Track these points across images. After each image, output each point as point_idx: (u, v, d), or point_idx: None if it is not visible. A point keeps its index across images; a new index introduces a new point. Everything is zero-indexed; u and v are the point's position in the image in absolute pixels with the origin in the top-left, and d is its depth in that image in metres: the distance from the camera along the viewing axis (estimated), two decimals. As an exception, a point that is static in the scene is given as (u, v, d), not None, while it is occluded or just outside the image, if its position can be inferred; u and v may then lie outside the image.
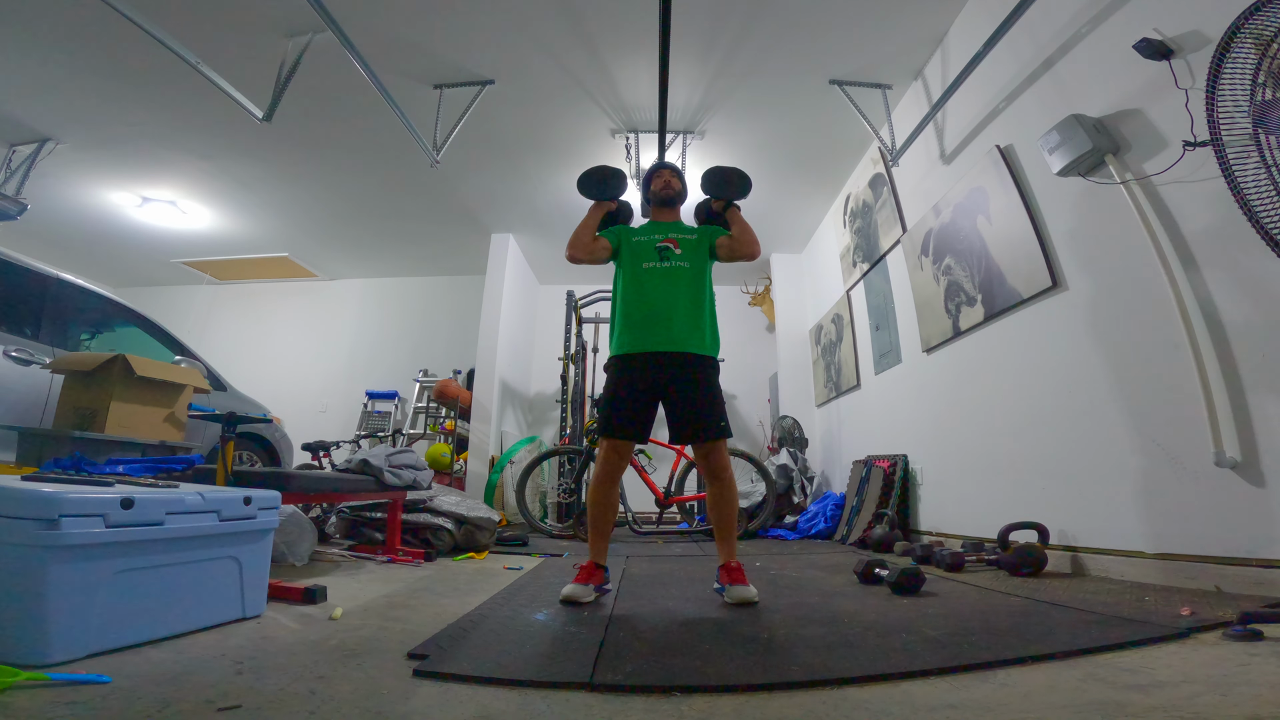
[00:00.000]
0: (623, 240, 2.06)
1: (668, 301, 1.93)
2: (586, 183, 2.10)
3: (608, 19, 3.00)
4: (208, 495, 1.42)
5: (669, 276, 1.96)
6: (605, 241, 2.05)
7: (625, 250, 2.04)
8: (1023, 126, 2.50)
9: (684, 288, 1.95)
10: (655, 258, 1.98)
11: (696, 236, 2.04)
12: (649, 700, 0.96)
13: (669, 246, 2.00)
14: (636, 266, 1.99)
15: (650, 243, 2.02)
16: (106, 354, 2.41)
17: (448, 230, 5.56)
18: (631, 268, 2.00)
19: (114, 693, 0.94)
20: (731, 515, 1.92)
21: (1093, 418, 2.13)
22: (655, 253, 1.99)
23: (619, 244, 2.06)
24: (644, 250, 2.01)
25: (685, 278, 1.96)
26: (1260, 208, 1.30)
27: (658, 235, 2.03)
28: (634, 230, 2.10)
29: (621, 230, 2.10)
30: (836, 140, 4.01)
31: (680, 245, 2.01)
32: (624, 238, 2.07)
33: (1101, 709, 0.87)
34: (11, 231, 4.71)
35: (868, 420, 4.22)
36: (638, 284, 1.97)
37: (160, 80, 3.36)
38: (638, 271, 1.98)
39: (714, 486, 1.93)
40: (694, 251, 2.01)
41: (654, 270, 1.97)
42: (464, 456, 5.16)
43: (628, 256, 2.03)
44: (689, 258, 1.99)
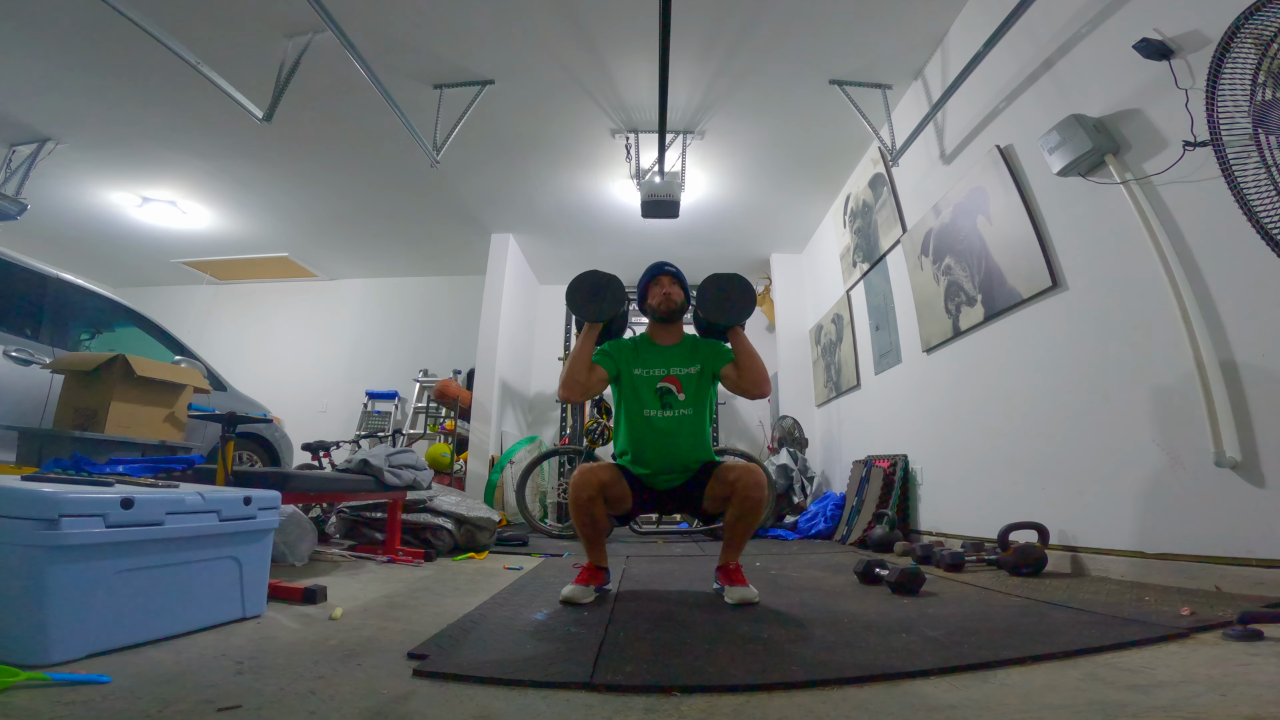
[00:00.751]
0: (622, 372, 1.96)
1: (672, 453, 1.90)
2: (576, 297, 1.96)
3: (608, 19, 3.00)
4: (208, 495, 1.41)
5: (673, 425, 1.90)
6: (601, 373, 1.92)
7: (625, 382, 1.95)
8: (1023, 126, 2.50)
9: (688, 432, 1.91)
10: (657, 405, 1.91)
11: (699, 369, 1.94)
12: (649, 700, 0.96)
13: (671, 389, 1.91)
14: (637, 412, 1.92)
15: (650, 381, 1.93)
16: (106, 354, 2.41)
17: (448, 230, 5.56)
18: (632, 411, 1.93)
19: (114, 693, 0.94)
20: (752, 529, 1.84)
21: (1093, 418, 2.13)
22: (656, 397, 1.91)
23: (618, 374, 1.96)
24: (645, 391, 1.92)
25: (688, 424, 1.91)
26: (1260, 208, 1.30)
27: (658, 370, 1.94)
28: (633, 355, 1.98)
29: (619, 357, 1.97)
30: (836, 140, 4.01)
31: (683, 386, 1.92)
32: (623, 369, 1.95)
33: (1101, 709, 0.87)
34: (11, 231, 4.71)
35: (868, 420, 4.21)
36: (639, 430, 1.92)
37: (160, 80, 3.37)
38: (638, 419, 1.91)
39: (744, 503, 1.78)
40: (696, 392, 1.93)
41: (656, 420, 1.90)
42: (464, 456, 5.16)
43: (629, 393, 1.95)
44: (692, 402, 1.92)
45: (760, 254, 5.93)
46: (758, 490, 1.76)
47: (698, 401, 1.93)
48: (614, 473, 1.86)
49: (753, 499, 1.76)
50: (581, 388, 1.88)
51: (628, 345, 2.02)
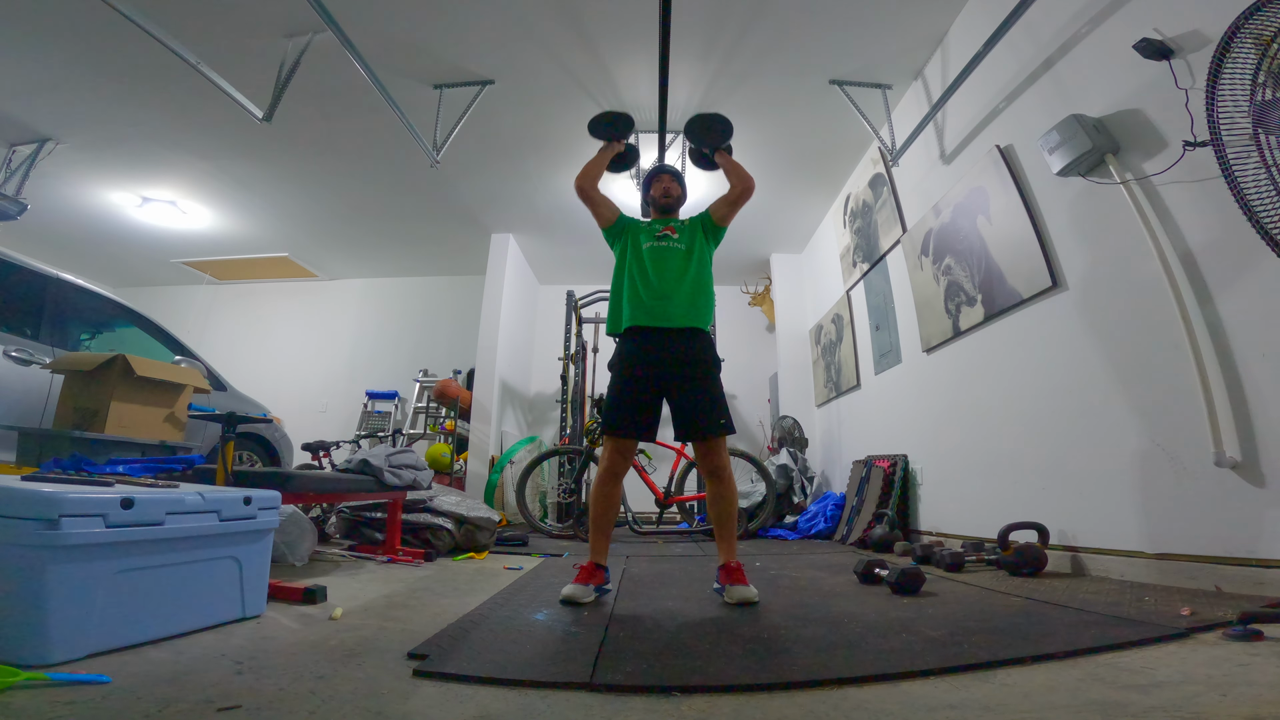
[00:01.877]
0: (626, 226, 2.19)
1: (666, 274, 2.04)
2: (596, 125, 2.29)
3: (608, 19, 3.00)
4: (208, 495, 1.41)
5: (668, 254, 2.08)
6: (613, 205, 2.21)
7: (628, 234, 2.16)
8: (1023, 126, 2.50)
9: (681, 262, 2.07)
10: (652, 240, 2.11)
11: (690, 221, 2.18)
12: (649, 700, 0.96)
13: (667, 234, 2.13)
14: (638, 248, 2.11)
15: (650, 230, 2.15)
16: (106, 354, 2.40)
17: (448, 230, 5.56)
18: (633, 250, 2.11)
19: (114, 693, 0.94)
20: (731, 514, 1.94)
21: (1092, 418, 2.13)
22: (654, 237, 2.12)
23: (621, 228, 2.18)
24: (645, 235, 2.14)
25: (681, 256, 2.08)
26: (1260, 208, 1.30)
27: (657, 226, 2.17)
28: (637, 223, 2.21)
29: (627, 220, 2.22)
30: (836, 140, 4.01)
31: (677, 230, 2.13)
32: (627, 223, 2.20)
33: (1101, 709, 0.87)
34: (11, 231, 4.70)
35: (868, 420, 4.21)
36: (639, 259, 2.08)
37: (160, 80, 3.37)
38: (639, 251, 2.10)
39: (713, 485, 1.95)
40: (688, 236, 2.13)
41: (653, 249, 2.09)
42: (464, 456, 5.16)
43: (630, 240, 2.14)
44: (685, 240, 2.12)
45: (760, 254, 5.92)
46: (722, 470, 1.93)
47: (690, 239, 2.10)
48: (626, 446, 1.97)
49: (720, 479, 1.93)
50: (593, 181, 2.18)
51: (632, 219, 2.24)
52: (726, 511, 1.93)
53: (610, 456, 1.96)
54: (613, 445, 1.96)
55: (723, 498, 1.94)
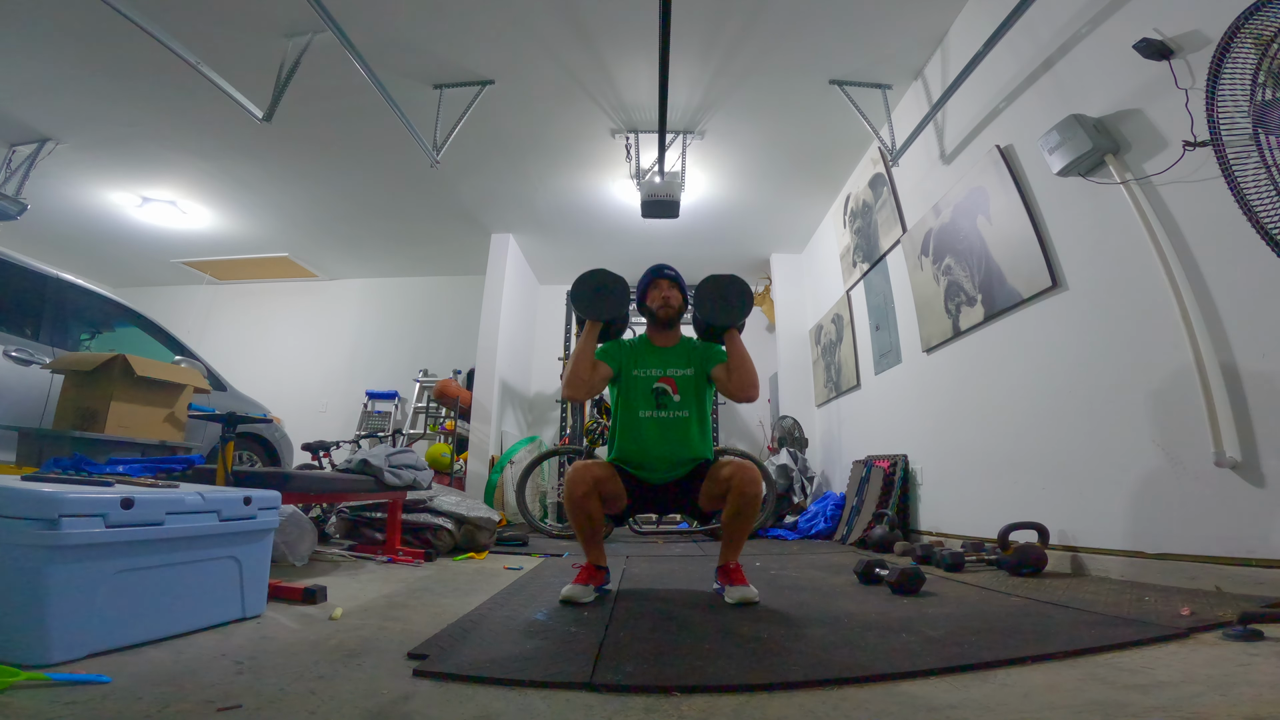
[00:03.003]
0: (623, 369, 1.98)
1: (666, 455, 1.91)
2: (580, 296, 1.97)
3: (608, 19, 3.00)
4: (208, 495, 1.41)
5: (667, 428, 1.91)
6: (606, 370, 1.95)
7: (624, 383, 1.98)
8: (1023, 126, 2.49)
9: (681, 434, 1.92)
10: (652, 405, 1.92)
11: (694, 371, 1.96)
12: (649, 700, 0.96)
13: (667, 390, 1.93)
14: (634, 413, 1.93)
15: (647, 382, 1.94)
16: (106, 354, 2.40)
17: (448, 230, 5.56)
18: (628, 411, 1.94)
19: (114, 693, 0.94)
20: (749, 527, 1.85)
21: (1092, 418, 2.13)
22: (652, 397, 1.93)
23: (619, 371, 1.98)
24: (641, 391, 1.94)
25: (682, 426, 1.92)
26: (1260, 208, 1.30)
27: (655, 371, 1.96)
28: (632, 356, 2.00)
29: (621, 354, 2.00)
30: (836, 140, 4.01)
31: (679, 387, 1.94)
32: (624, 366, 1.98)
33: (1101, 709, 0.87)
34: (11, 231, 4.70)
35: (868, 420, 4.21)
36: (635, 430, 1.92)
37: (160, 80, 3.36)
38: (635, 419, 1.92)
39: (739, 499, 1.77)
40: (692, 393, 1.94)
41: (651, 421, 1.91)
42: (464, 456, 5.16)
43: (625, 392, 1.97)
44: (688, 403, 1.93)
45: (760, 254, 5.92)
46: (753, 486, 1.77)
47: (693, 403, 1.95)
48: (608, 469, 1.87)
49: (748, 495, 1.76)
50: (586, 385, 1.89)
51: (626, 345, 2.04)
52: (744, 528, 1.83)
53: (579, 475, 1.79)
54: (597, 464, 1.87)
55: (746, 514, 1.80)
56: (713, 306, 1.95)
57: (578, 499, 1.79)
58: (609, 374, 1.95)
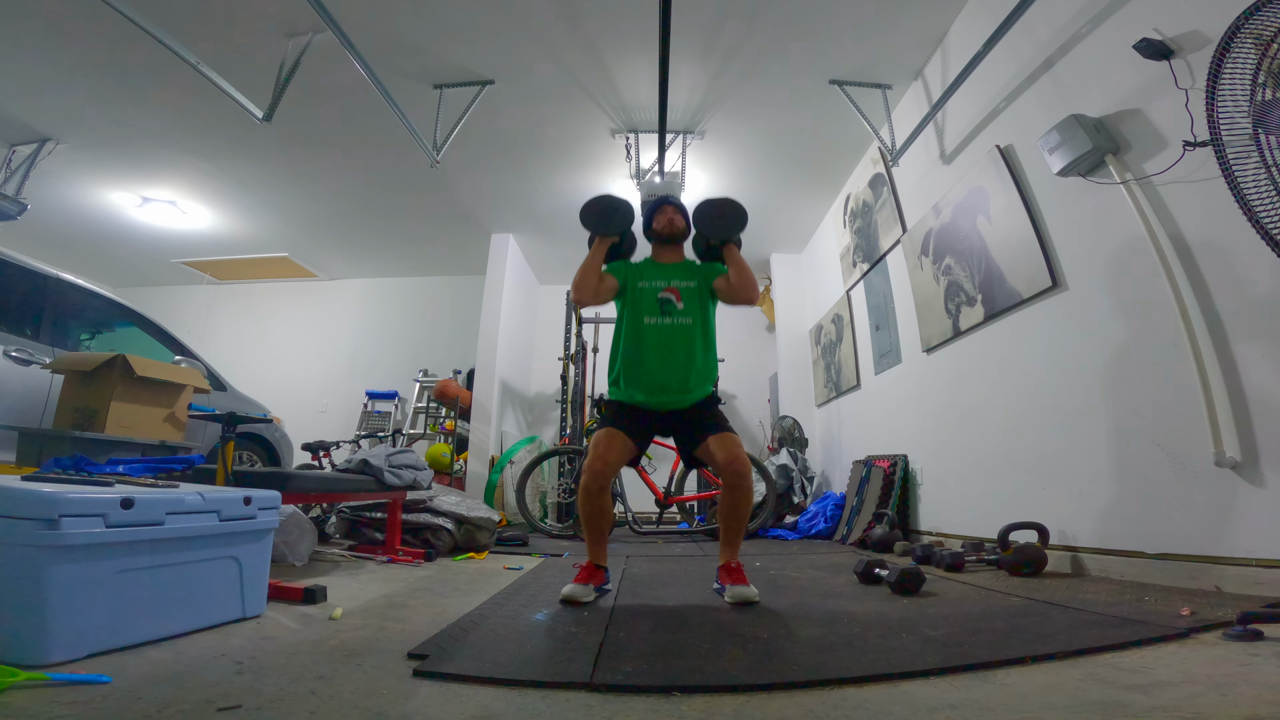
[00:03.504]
0: (629, 282, 2.03)
1: (670, 363, 1.92)
2: (589, 215, 2.06)
3: (608, 19, 3.00)
4: (208, 495, 1.41)
5: (671, 335, 1.93)
6: (612, 281, 2.01)
7: (630, 294, 2.01)
8: (1023, 126, 2.49)
9: (686, 344, 1.94)
10: (657, 311, 1.96)
11: (697, 283, 2.01)
12: (649, 700, 0.96)
13: (671, 299, 1.97)
14: (638, 320, 1.96)
15: (653, 291, 1.99)
16: (106, 354, 2.40)
17: (448, 230, 5.56)
18: (633, 320, 1.98)
19: (114, 693, 0.94)
20: (744, 521, 1.86)
21: (1093, 418, 2.13)
22: (657, 305, 1.96)
23: (624, 284, 2.03)
24: (647, 300, 1.98)
25: (687, 334, 1.94)
26: (1260, 208, 1.30)
27: (660, 282, 2.00)
28: (638, 271, 2.06)
29: (627, 270, 2.06)
30: (836, 140, 4.01)
31: (682, 296, 1.98)
32: (630, 279, 2.03)
33: (1101, 709, 0.87)
34: (11, 231, 4.70)
35: (868, 420, 4.21)
36: (640, 339, 1.95)
37: (160, 80, 3.36)
38: (640, 326, 1.96)
39: (731, 493, 1.82)
40: (696, 302, 1.98)
41: (656, 327, 1.94)
42: (464, 456, 5.16)
43: (631, 303, 2.00)
44: (691, 310, 1.97)
45: (760, 254, 5.92)
46: (745, 479, 1.80)
47: (697, 312, 1.98)
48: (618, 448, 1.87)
49: (742, 488, 1.81)
50: (592, 290, 1.98)
51: (633, 264, 2.11)
52: (740, 518, 1.85)
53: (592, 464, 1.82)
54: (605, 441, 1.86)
55: (738, 505, 1.83)
56: (712, 223, 2.04)
57: (594, 491, 1.83)
58: (615, 286, 2.02)
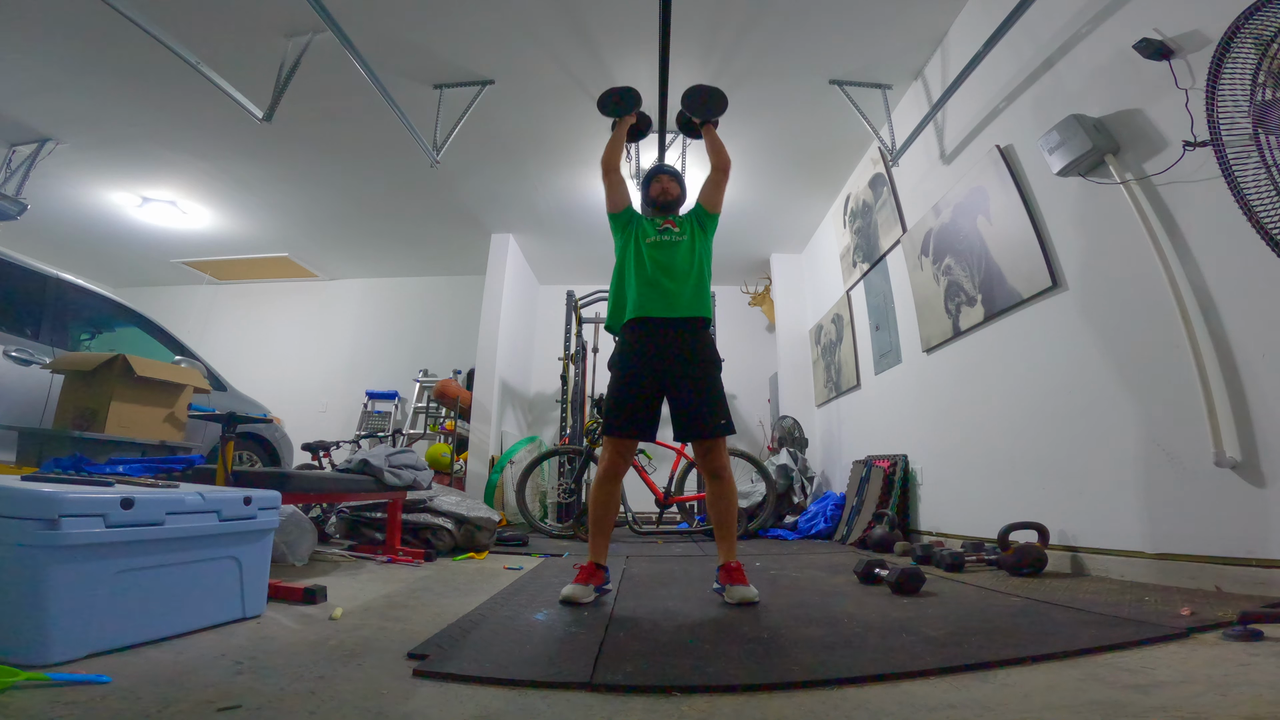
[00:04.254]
0: (632, 218, 2.24)
1: (669, 267, 2.07)
2: (607, 102, 2.37)
3: (608, 19, 3.00)
4: (208, 495, 1.41)
5: (670, 247, 2.12)
6: (628, 193, 2.26)
7: (632, 226, 2.20)
8: (1023, 126, 2.49)
9: (683, 254, 2.10)
10: (654, 234, 2.16)
11: (687, 215, 2.24)
12: (649, 700, 0.96)
13: (668, 227, 2.18)
14: (640, 241, 2.14)
15: (652, 224, 2.20)
16: (106, 354, 2.40)
17: (448, 230, 5.56)
18: (635, 243, 2.15)
19: (114, 693, 0.94)
20: (731, 514, 1.95)
21: (1093, 418, 2.13)
22: (655, 231, 2.17)
23: (628, 218, 2.22)
24: (647, 228, 2.18)
25: (683, 247, 2.12)
26: (1260, 208, 1.30)
27: (658, 221, 2.22)
28: (641, 217, 2.27)
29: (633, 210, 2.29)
30: (836, 140, 4.01)
31: (678, 223, 2.19)
32: (634, 215, 2.26)
33: (1101, 709, 0.87)
34: (11, 231, 4.70)
35: (868, 420, 4.21)
36: (640, 255, 2.11)
37: (160, 80, 3.36)
38: (641, 245, 2.13)
39: (713, 485, 1.96)
40: (688, 226, 2.18)
41: (655, 242, 2.13)
42: (464, 456, 5.16)
43: (633, 233, 2.18)
44: (685, 232, 2.17)
45: (760, 254, 5.92)
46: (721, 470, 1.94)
47: (690, 232, 2.15)
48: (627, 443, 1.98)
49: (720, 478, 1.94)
50: (617, 157, 2.26)
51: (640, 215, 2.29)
52: (727, 512, 1.94)
53: (610, 457, 1.96)
54: (613, 446, 1.96)
55: (723, 498, 1.95)
56: (696, 103, 2.34)
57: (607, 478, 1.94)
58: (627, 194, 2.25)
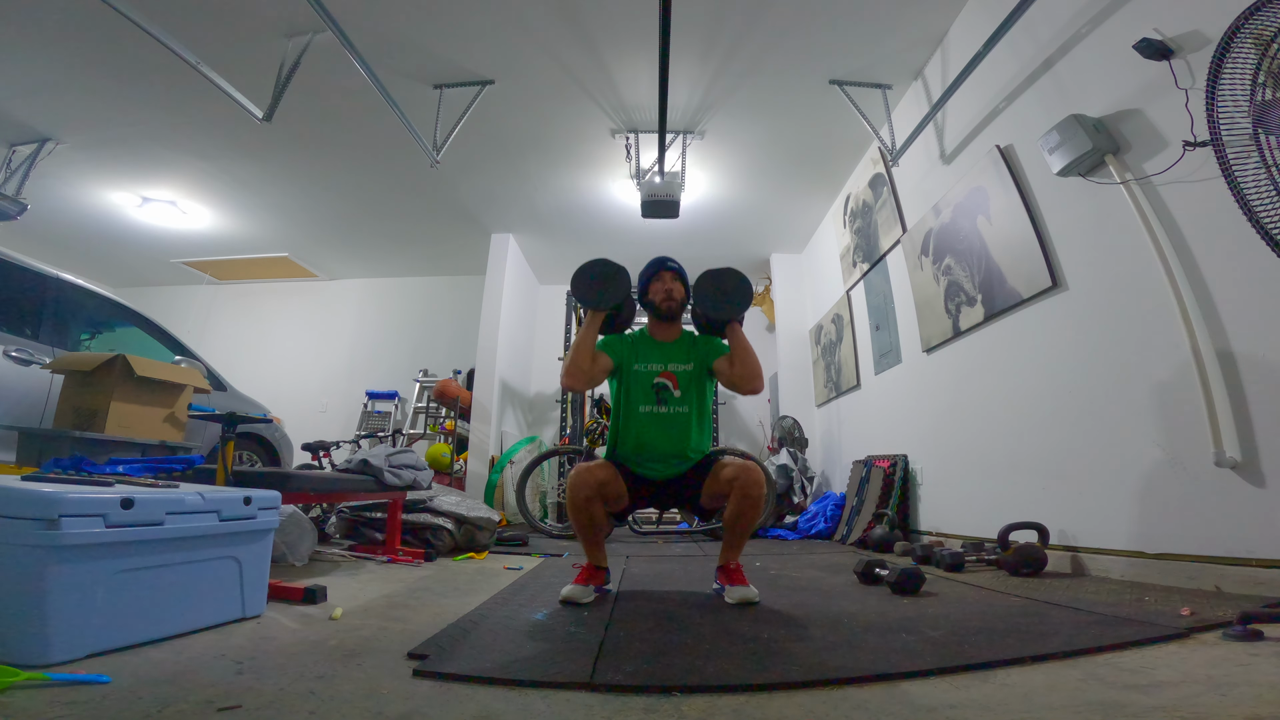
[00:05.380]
0: (624, 363, 1.95)
1: (666, 451, 1.89)
2: (581, 285, 1.92)
3: (608, 19, 3.00)
4: (208, 495, 1.41)
5: (667, 424, 1.89)
6: (606, 361, 1.92)
7: (625, 377, 1.95)
8: (1023, 126, 2.49)
9: (681, 430, 1.90)
10: (653, 400, 1.90)
11: (695, 365, 1.94)
12: (649, 700, 0.96)
13: (667, 386, 1.91)
14: (634, 408, 1.91)
15: (648, 377, 1.92)
16: (106, 354, 2.40)
17: (448, 230, 5.56)
18: (629, 406, 1.92)
19: (114, 693, 0.94)
20: (750, 529, 1.84)
21: (1093, 418, 2.13)
22: (652, 393, 1.90)
23: (620, 364, 1.95)
24: (642, 386, 1.92)
25: (683, 423, 1.90)
26: (1260, 208, 1.30)
27: (656, 365, 1.93)
28: (633, 350, 1.98)
29: (623, 348, 1.97)
30: (836, 140, 4.01)
31: (680, 383, 1.91)
32: (625, 360, 1.95)
33: (1101, 709, 0.87)
34: (11, 231, 4.71)
35: (868, 420, 4.21)
36: (635, 426, 1.90)
37: (160, 80, 3.36)
38: (634, 414, 1.90)
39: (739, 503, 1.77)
40: (693, 389, 1.92)
41: (651, 415, 1.89)
42: (464, 456, 5.16)
43: (626, 388, 1.94)
44: (688, 399, 1.91)
45: (760, 254, 5.92)
46: (756, 488, 1.76)
47: (694, 399, 1.93)
48: (610, 470, 1.85)
49: (751, 497, 1.76)
50: (585, 375, 1.86)
51: (628, 339, 2.02)
52: (748, 526, 1.82)
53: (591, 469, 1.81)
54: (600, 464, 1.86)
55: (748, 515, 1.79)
56: (713, 301, 1.93)
57: (580, 503, 1.78)
58: (609, 365, 1.92)
